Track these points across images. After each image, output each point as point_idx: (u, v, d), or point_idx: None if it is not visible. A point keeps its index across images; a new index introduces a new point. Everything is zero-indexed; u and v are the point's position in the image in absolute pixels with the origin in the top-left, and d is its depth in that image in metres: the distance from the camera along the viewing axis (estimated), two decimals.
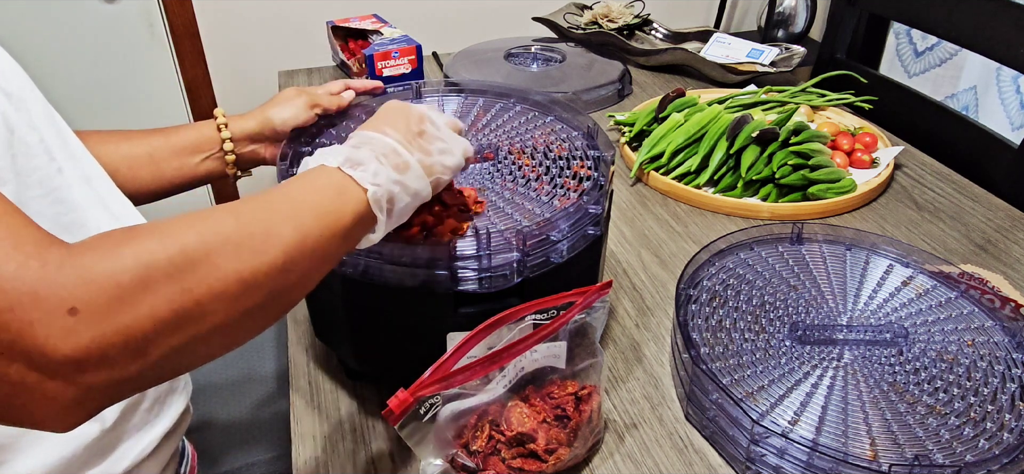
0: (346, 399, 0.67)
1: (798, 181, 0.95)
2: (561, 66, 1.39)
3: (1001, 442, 0.56)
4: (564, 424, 0.57)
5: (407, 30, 1.33)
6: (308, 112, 0.74)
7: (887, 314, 0.70)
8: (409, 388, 0.48)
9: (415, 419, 0.49)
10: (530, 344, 0.53)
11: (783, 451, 0.56)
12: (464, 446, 0.55)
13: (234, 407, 0.96)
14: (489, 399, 0.54)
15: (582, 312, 0.56)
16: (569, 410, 0.57)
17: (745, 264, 0.76)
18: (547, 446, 0.55)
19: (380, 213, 0.47)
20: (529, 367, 0.56)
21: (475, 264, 0.56)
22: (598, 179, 0.65)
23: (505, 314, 0.53)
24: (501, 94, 0.81)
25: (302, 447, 0.63)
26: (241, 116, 0.76)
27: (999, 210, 0.97)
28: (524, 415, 0.56)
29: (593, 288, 0.56)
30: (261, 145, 0.77)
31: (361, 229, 0.47)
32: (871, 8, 1.40)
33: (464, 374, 0.50)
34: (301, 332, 0.76)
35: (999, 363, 0.63)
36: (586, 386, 0.58)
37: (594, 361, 0.58)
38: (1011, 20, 1.08)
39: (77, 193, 0.55)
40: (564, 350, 0.57)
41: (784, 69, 1.33)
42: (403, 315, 0.59)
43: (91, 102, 1.94)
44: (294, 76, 1.45)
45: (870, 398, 0.60)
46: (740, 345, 0.66)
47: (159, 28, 1.92)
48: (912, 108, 1.26)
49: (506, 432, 0.55)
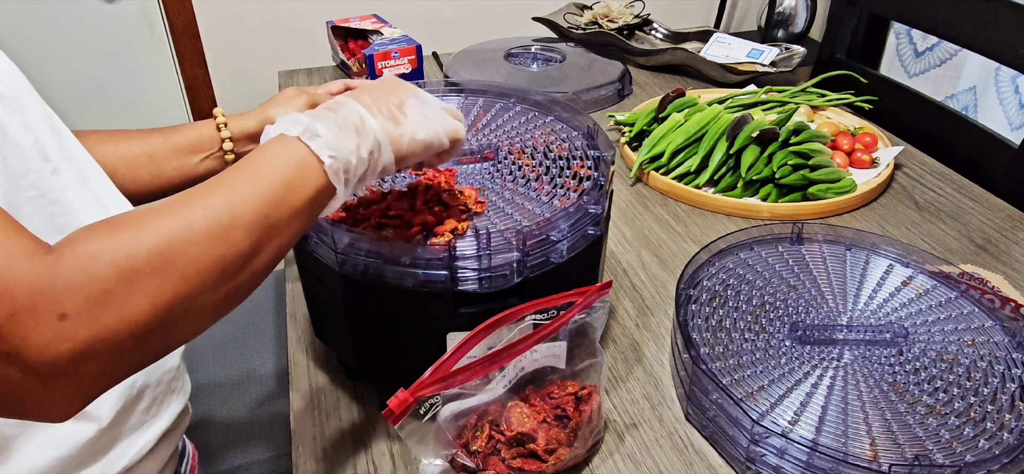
0: (346, 399, 0.67)
1: (798, 181, 0.95)
2: (561, 66, 1.39)
3: (1001, 442, 0.56)
4: (564, 424, 0.57)
5: (407, 30, 1.33)
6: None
7: (887, 314, 0.70)
8: (409, 388, 0.48)
9: (415, 419, 0.49)
10: (530, 344, 0.53)
11: (783, 451, 0.56)
12: (464, 446, 0.55)
13: (234, 406, 0.96)
14: (489, 399, 0.54)
15: (582, 312, 0.56)
16: (569, 410, 0.57)
17: (745, 264, 0.76)
18: (547, 446, 0.55)
19: (339, 183, 0.48)
20: (529, 367, 0.56)
21: (475, 264, 0.56)
22: (598, 179, 0.65)
23: (505, 314, 0.53)
24: (501, 94, 0.81)
25: (302, 447, 0.63)
26: (240, 115, 0.76)
27: (999, 210, 0.97)
28: (524, 415, 0.56)
29: (593, 288, 0.56)
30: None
31: (323, 198, 0.48)
32: (871, 8, 1.40)
33: (464, 374, 0.50)
34: (301, 332, 0.76)
35: (999, 363, 0.63)
36: (586, 386, 0.58)
37: (594, 361, 0.58)
38: (1011, 20, 1.08)
39: (73, 194, 0.55)
40: (564, 350, 0.57)
41: (784, 69, 1.33)
42: (403, 315, 0.59)
43: (91, 102, 1.94)
44: (294, 76, 1.45)
45: (870, 398, 0.60)
46: (740, 345, 0.66)
47: (159, 28, 1.92)
48: (912, 108, 1.26)
49: (506, 432, 0.55)
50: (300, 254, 0.63)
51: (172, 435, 0.66)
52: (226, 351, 1.05)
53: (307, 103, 0.74)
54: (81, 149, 0.59)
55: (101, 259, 0.37)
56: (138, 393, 0.60)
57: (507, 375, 0.54)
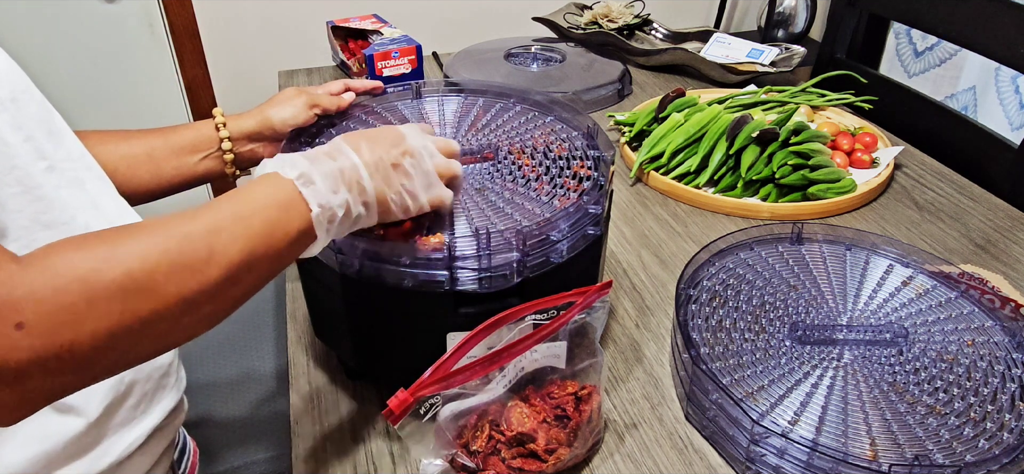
0: (346, 399, 0.67)
1: (798, 181, 0.95)
2: (561, 66, 1.39)
3: (1001, 442, 0.56)
4: (564, 424, 0.57)
5: (407, 30, 1.33)
6: (308, 112, 0.74)
7: (887, 314, 0.70)
8: (409, 388, 0.48)
9: (415, 419, 0.49)
10: (530, 344, 0.53)
11: (783, 451, 0.56)
12: (464, 446, 0.55)
13: (234, 406, 0.96)
14: (489, 399, 0.54)
15: (582, 312, 0.56)
16: (569, 410, 0.57)
17: (745, 264, 0.76)
18: (547, 446, 0.55)
19: (322, 233, 0.49)
20: (529, 367, 0.56)
21: (475, 264, 0.56)
22: (598, 179, 0.65)
23: (505, 314, 0.53)
24: (501, 94, 0.81)
25: (302, 446, 0.63)
26: (240, 115, 0.76)
27: (999, 210, 0.97)
28: (524, 415, 0.56)
29: (593, 288, 0.56)
30: (260, 144, 0.77)
31: (304, 243, 0.49)
32: (871, 8, 1.40)
33: (464, 374, 0.50)
34: (301, 332, 0.76)
35: (999, 363, 0.63)
36: (586, 386, 0.58)
37: (594, 361, 0.58)
38: (1011, 20, 1.08)
39: (66, 194, 0.55)
40: (564, 350, 0.57)
41: (784, 69, 1.33)
42: (403, 315, 0.59)
43: (91, 102, 1.94)
44: (294, 76, 1.45)
45: (870, 398, 0.60)
46: (740, 345, 0.66)
47: (159, 28, 1.92)
48: (912, 108, 1.26)
49: (506, 432, 0.55)
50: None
51: (164, 430, 0.65)
52: (226, 351, 1.05)
53: (307, 103, 0.74)
54: (82, 150, 0.59)
55: (67, 275, 0.37)
56: (127, 388, 0.59)
57: (507, 375, 0.54)
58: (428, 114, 0.78)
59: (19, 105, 0.54)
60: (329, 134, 0.75)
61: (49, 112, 0.57)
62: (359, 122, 0.76)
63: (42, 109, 0.56)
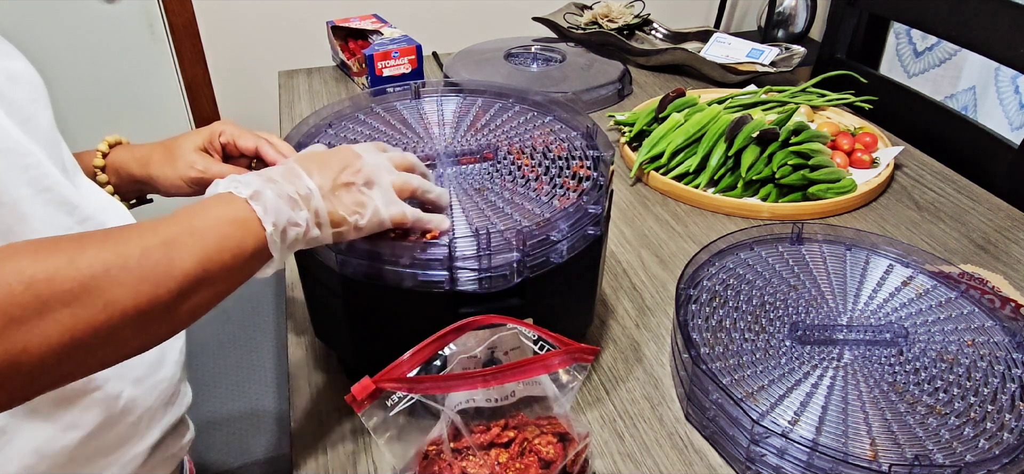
0: None
1: (798, 181, 0.95)
2: (561, 66, 1.39)
3: (1001, 442, 0.56)
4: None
5: (407, 30, 1.33)
6: (198, 172, 0.65)
7: (887, 314, 0.70)
8: (374, 377, 0.49)
9: (382, 410, 0.49)
10: (501, 380, 0.51)
11: (783, 451, 0.56)
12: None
13: (234, 406, 0.96)
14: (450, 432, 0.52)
15: (561, 370, 0.53)
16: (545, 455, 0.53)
17: (745, 264, 0.76)
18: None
19: (275, 251, 0.49)
20: (511, 399, 0.54)
21: (475, 264, 0.56)
22: (598, 179, 0.65)
23: (470, 321, 0.52)
24: (500, 94, 0.81)
25: (302, 447, 0.63)
26: (139, 148, 0.68)
27: (999, 210, 0.97)
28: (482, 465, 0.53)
29: (576, 346, 0.53)
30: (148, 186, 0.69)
31: (259, 260, 0.49)
32: (871, 8, 1.40)
33: (431, 383, 0.50)
34: (301, 332, 0.76)
35: (999, 363, 0.63)
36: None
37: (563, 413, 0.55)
38: (1011, 20, 1.08)
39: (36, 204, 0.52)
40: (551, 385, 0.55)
41: (784, 69, 1.33)
42: (403, 315, 0.59)
43: (91, 102, 1.94)
44: (294, 76, 1.45)
45: (870, 398, 0.60)
46: (740, 345, 0.66)
47: (159, 28, 1.93)
48: (912, 108, 1.26)
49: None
50: (300, 254, 0.63)
51: (164, 447, 0.64)
52: (226, 351, 1.05)
53: (207, 139, 0.67)
54: (74, 163, 0.58)
55: (18, 280, 0.37)
56: (125, 406, 0.57)
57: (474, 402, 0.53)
58: (427, 114, 0.78)
59: (15, 108, 0.53)
60: (327, 135, 0.75)
61: (56, 136, 0.56)
62: (359, 123, 0.76)
63: (50, 127, 0.55)
